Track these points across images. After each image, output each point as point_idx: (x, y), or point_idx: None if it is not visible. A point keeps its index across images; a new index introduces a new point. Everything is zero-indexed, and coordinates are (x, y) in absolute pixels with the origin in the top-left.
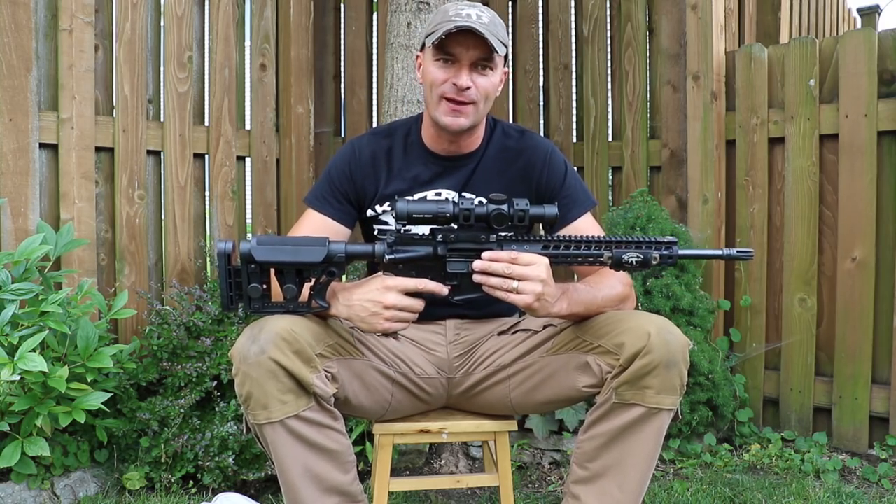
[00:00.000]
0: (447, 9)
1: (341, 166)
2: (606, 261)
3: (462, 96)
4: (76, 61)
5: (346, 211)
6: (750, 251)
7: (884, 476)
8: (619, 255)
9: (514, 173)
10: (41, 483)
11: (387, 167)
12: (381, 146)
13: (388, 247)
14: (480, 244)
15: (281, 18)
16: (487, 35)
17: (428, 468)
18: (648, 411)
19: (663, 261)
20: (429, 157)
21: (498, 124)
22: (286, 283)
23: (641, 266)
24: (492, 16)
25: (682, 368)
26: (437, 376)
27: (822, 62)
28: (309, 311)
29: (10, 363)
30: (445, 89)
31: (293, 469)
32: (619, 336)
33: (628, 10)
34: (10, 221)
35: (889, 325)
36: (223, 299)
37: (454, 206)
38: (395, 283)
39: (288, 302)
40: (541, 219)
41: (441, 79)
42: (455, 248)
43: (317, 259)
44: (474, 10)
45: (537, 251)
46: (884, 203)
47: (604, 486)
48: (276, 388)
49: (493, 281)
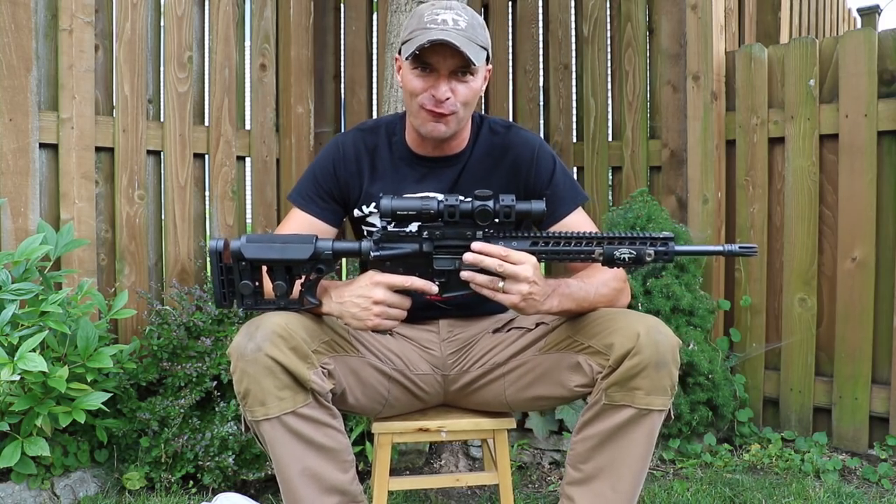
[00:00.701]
0: (422, 12)
1: (325, 164)
2: (598, 257)
3: (441, 107)
4: (76, 61)
5: (331, 209)
6: (754, 247)
7: (884, 476)
8: (611, 251)
9: (503, 171)
10: (41, 483)
11: (370, 165)
12: (367, 143)
13: (374, 244)
14: (467, 241)
15: (281, 18)
16: (464, 47)
17: (428, 468)
18: (639, 412)
19: (658, 257)
20: (413, 159)
21: (484, 121)
22: (276, 280)
23: (635, 263)
24: (469, 17)
25: (671, 369)
26: (431, 373)
27: (822, 62)
28: (300, 309)
29: (10, 363)
30: (424, 100)
31: (291, 468)
32: (608, 336)
33: (628, 10)
34: (10, 221)
35: (889, 325)
36: (216, 296)
37: (438, 203)
38: (383, 279)
39: (279, 299)
40: (527, 215)
41: (420, 88)
42: (442, 244)
43: (304, 256)
44: (450, 13)
45: (525, 248)
46: (884, 203)
47: (597, 488)
48: (273, 384)
49: (480, 279)
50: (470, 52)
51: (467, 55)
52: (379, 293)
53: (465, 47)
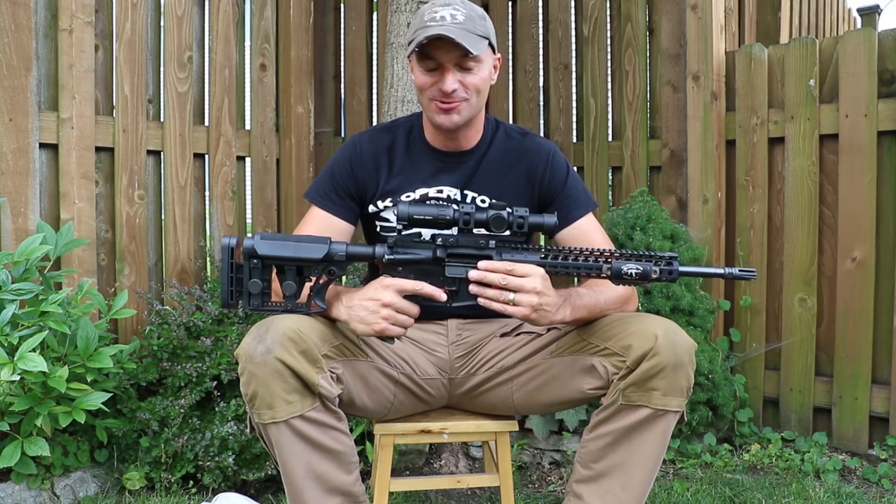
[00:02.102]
0: (423, 12)
1: (342, 162)
2: (605, 272)
3: (449, 98)
4: (76, 61)
5: (348, 207)
6: (752, 271)
7: (884, 476)
8: (619, 266)
9: (517, 174)
10: (41, 483)
11: (388, 163)
12: (383, 142)
13: (388, 248)
14: (480, 249)
15: (281, 18)
16: (461, 38)
17: (428, 468)
18: (655, 412)
19: (663, 275)
20: (430, 152)
21: (500, 126)
22: (286, 281)
23: (641, 279)
24: (468, 10)
25: (688, 370)
26: (438, 377)
27: (822, 62)
28: (307, 312)
29: (10, 363)
30: (433, 93)
31: (297, 469)
32: (626, 338)
33: (628, 10)
34: (10, 221)
35: (889, 325)
36: (223, 294)
37: (454, 211)
38: (392, 283)
39: (287, 300)
40: (540, 227)
41: (427, 83)
42: (455, 252)
43: (317, 256)
44: (448, 9)
45: (535, 261)
46: (884, 203)
47: (607, 486)
48: (281, 387)
49: (490, 293)
50: (467, 42)
51: (464, 46)
52: (388, 296)
53: (461, 38)
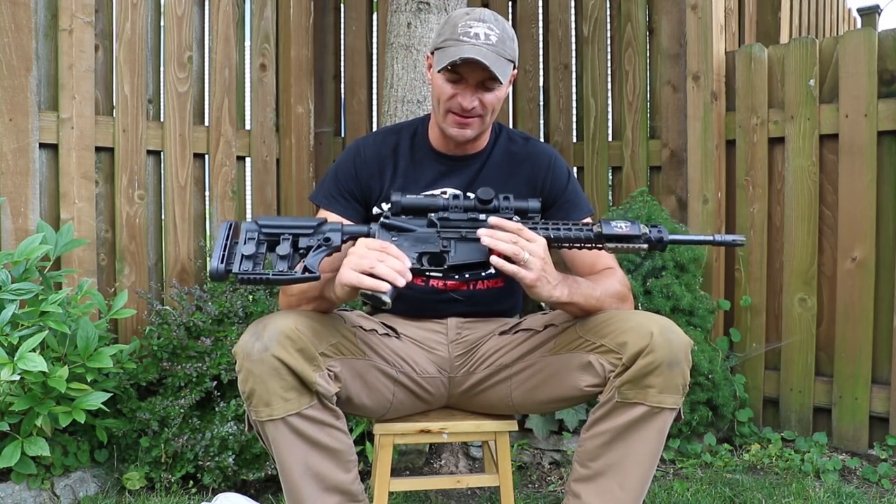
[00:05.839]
0: (456, 22)
1: (347, 165)
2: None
3: (467, 114)
4: (76, 61)
5: (353, 208)
6: (741, 238)
7: (884, 476)
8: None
9: (520, 178)
10: (41, 483)
11: (392, 166)
12: (388, 144)
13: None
14: (474, 222)
15: (281, 18)
16: (493, 65)
17: (428, 468)
18: (650, 410)
19: (652, 236)
20: (435, 156)
21: (503, 130)
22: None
23: (630, 239)
24: (501, 30)
25: (684, 368)
26: (438, 375)
27: (822, 62)
28: (295, 279)
29: (10, 363)
30: (451, 105)
31: (294, 467)
32: (621, 335)
33: (628, 10)
34: (10, 221)
35: (889, 325)
36: (213, 262)
37: (444, 201)
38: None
39: (279, 262)
40: (525, 212)
41: (448, 94)
42: (448, 225)
43: (313, 223)
44: (483, 26)
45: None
46: (884, 203)
47: (605, 485)
48: (279, 385)
49: (503, 246)
50: (497, 68)
51: (494, 73)
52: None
53: (493, 65)
